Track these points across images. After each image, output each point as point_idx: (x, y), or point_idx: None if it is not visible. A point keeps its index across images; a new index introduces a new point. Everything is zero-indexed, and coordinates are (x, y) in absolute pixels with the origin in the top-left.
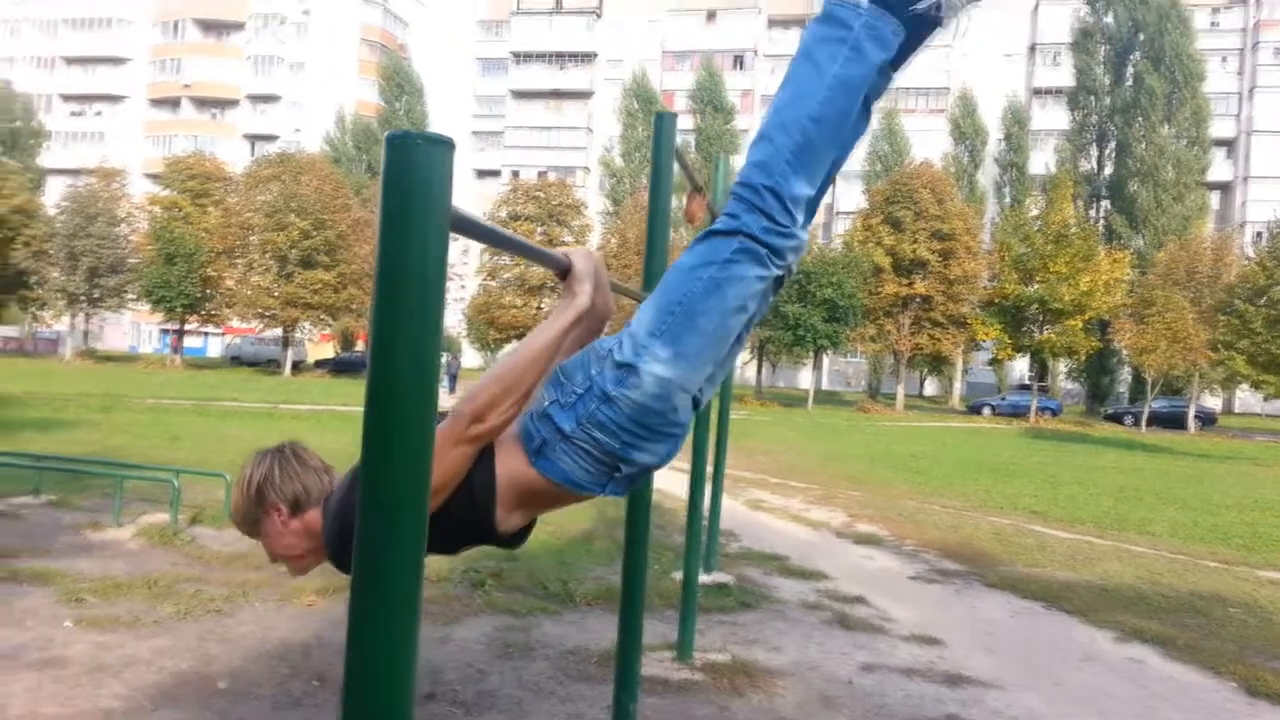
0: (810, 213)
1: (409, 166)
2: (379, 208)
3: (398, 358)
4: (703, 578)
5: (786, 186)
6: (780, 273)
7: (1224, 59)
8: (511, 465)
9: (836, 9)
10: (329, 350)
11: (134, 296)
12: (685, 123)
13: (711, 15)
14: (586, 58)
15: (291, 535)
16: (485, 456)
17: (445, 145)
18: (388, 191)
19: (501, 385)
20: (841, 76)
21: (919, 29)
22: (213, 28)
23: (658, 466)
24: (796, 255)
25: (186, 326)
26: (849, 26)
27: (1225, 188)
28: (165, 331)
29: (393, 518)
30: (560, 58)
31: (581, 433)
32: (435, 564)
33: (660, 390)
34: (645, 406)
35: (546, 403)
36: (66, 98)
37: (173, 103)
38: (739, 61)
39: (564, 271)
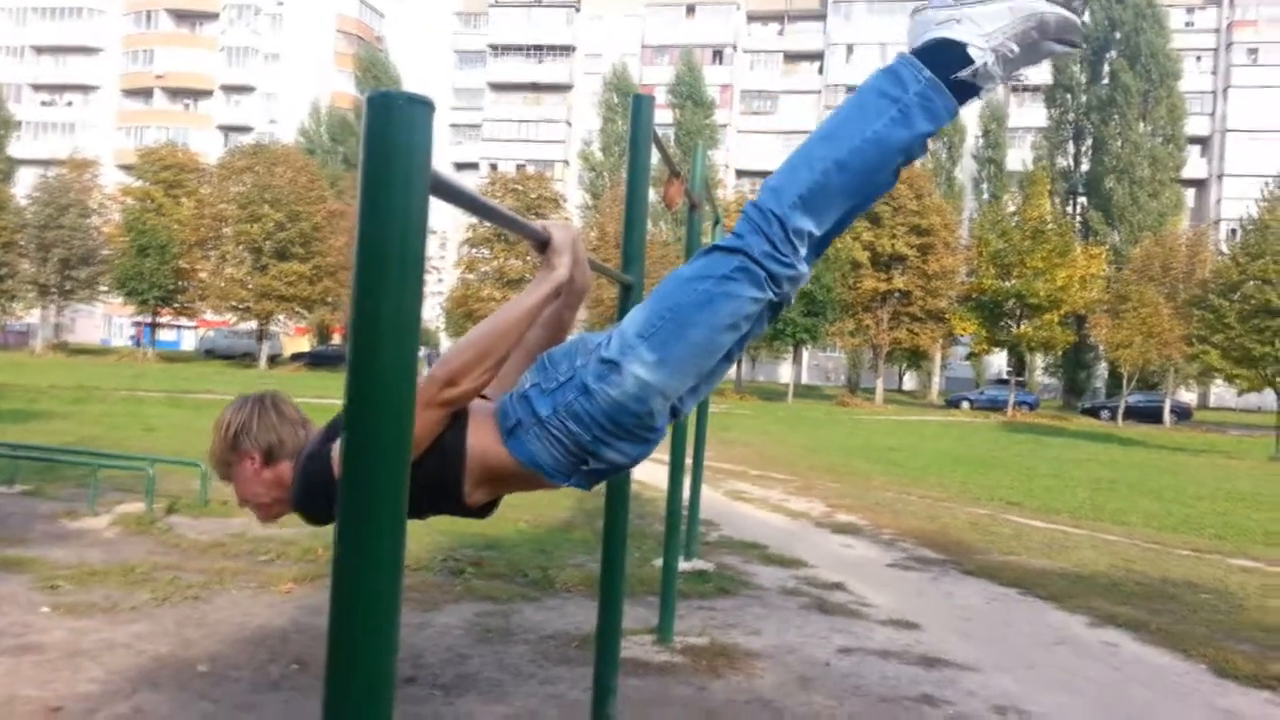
0: (817, 250)
1: (389, 126)
2: (360, 167)
3: (379, 318)
4: (683, 565)
5: (792, 219)
6: (776, 298)
7: (1199, 58)
8: (484, 440)
9: (902, 67)
10: (305, 343)
11: (106, 288)
12: (665, 116)
13: (690, 10)
14: (565, 50)
15: (261, 484)
16: (458, 427)
17: (426, 105)
18: (368, 151)
19: (475, 351)
20: (881, 134)
21: (958, 96)
22: (186, 17)
23: (625, 468)
24: (794, 285)
25: (159, 319)
26: (905, 89)
27: (1200, 185)
28: (138, 323)
29: (376, 464)
30: (539, 50)
31: (556, 420)
32: (414, 552)
33: (639, 392)
34: (622, 405)
35: (528, 385)
36: (37, 87)
37: (145, 93)
38: (718, 56)
39: (542, 244)
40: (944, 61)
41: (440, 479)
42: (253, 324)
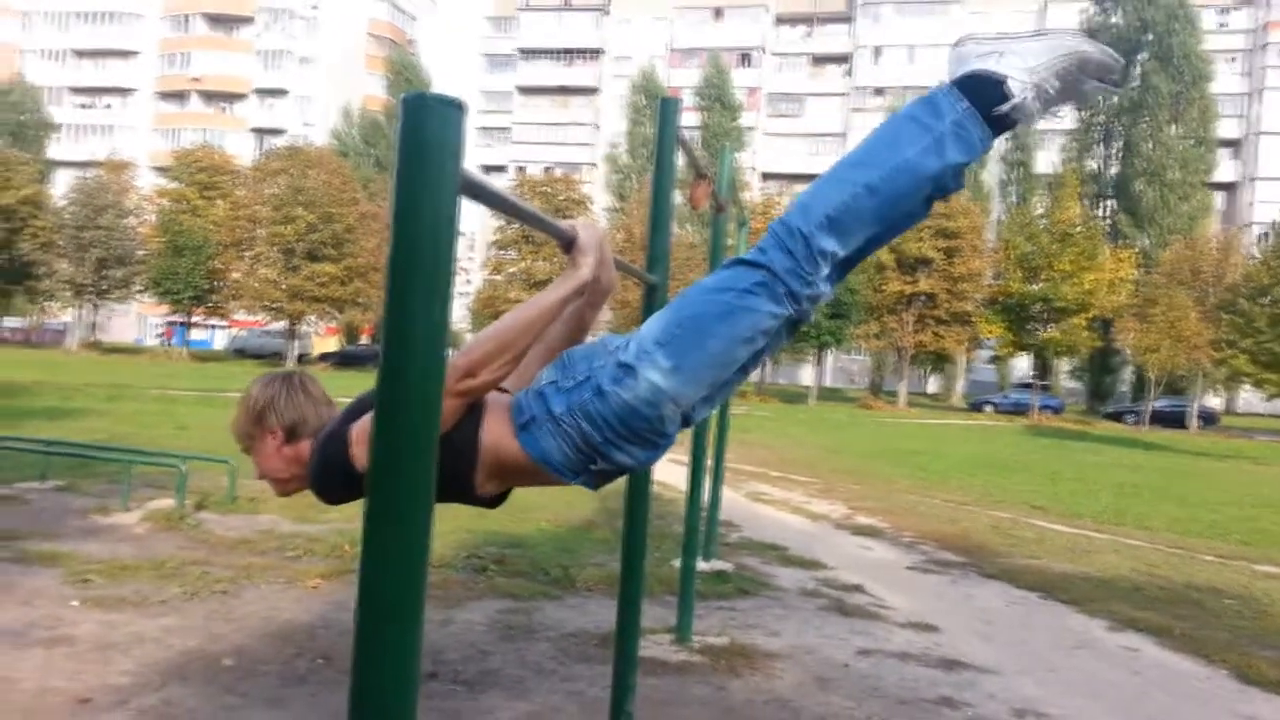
0: (841, 272)
1: (423, 126)
2: (393, 166)
3: (412, 315)
4: (702, 565)
5: (817, 238)
6: (795, 316)
7: (1232, 59)
8: (498, 432)
9: (940, 97)
10: (334, 344)
11: (141, 288)
12: (692, 119)
13: (719, 13)
14: (594, 54)
15: (282, 460)
16: (474, 418)
17: (458, 107)
18: (402, 149)
19: (496, 344)
20: (913, 162)
21: (994, 129)
22: (221, 21)
23: (634, 470)
24: (814, 304)
25: (192, 319)
26: (941, 119)
27: (1232, 188)
28: (171, 323)
29: (405, 458)
30: (568, 54)
31: (569, 418)
32: (437, 549)
33: (652, 397)
34: (634, 409)
35: (545, 382)
36: (76, 90)
37: (181, 96)
38: (746, 59)
39: (569, 243)
40: (983, 94)
41: (454, 468)
42: (284, 324)
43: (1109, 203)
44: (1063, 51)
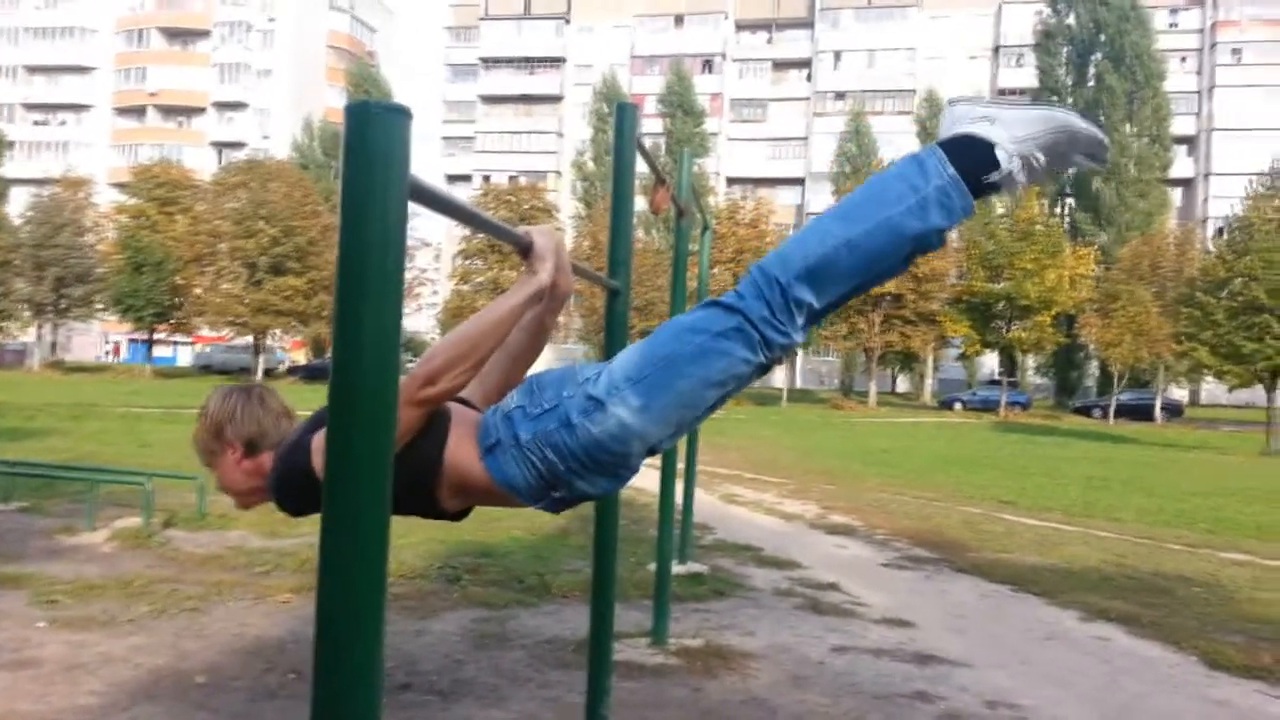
0: (814, 320)
1: (367, 134)
2: (340, 175)
3: (361, 323)
4: (677, 568)
5: (794, 289)
6: (767, 361)
7: (1183, 58)
8: (463, 452)
9: (929, 158)
10: (301, 357)
11: (102, 306)
12: (655, 126)
13: (679, 20)
14: (556, 62)
15: (242, 473)
16: (439, 434)
17: (403, 114)
18: (348, 160)
19: (456, 351)
20: (895, 221)
21: (977, 193)
22: (178, 35)
23: (595, 499)
24: (785, 351)
25: (155, 335)
26: (927, 181)
27: (1187, 184)
28: (134, 341)
29: (358, 467)
30: (529, 63)
31: (534, 445)
32: (410, 560)
33: (619, 433)
34: (600, 443)
35: (512, 406)
36: (30, 107)
37: (138, 111)
38: (708, 65)
39: (525, 249)
40: (970, 158)
41: (417, 483)
42: (249, 339)
43: (1068, 201)
44: (1054, 126)
